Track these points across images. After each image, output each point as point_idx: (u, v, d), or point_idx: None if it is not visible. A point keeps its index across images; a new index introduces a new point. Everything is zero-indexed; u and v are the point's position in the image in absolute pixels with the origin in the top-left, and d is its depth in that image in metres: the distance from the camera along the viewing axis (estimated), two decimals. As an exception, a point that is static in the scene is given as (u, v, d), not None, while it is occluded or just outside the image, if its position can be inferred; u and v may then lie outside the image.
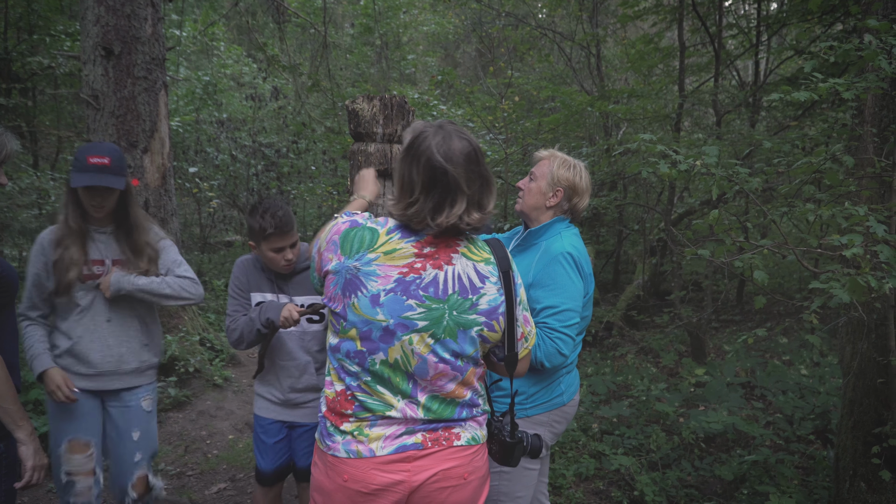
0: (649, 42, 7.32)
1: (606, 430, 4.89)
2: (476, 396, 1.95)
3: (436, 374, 1.84)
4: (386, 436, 1.84)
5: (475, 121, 8.88)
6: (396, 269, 1.81)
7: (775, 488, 3.69)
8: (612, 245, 10.35)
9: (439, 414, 1.88)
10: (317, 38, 11.79)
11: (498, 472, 2.59)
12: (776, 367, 5.57)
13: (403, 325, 1.80)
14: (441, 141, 1.78)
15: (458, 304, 1.82)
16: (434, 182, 1.77)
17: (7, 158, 2.32)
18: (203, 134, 10.29)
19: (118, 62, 5.60)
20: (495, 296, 1.86)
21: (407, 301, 1.80)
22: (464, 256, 1.86)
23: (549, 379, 2.56)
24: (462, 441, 1.90)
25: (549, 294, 2.42)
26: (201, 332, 6.26)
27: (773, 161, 3.48)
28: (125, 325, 2.90)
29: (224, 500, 4.22)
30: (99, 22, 5.54)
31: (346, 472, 1.85)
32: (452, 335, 1.83)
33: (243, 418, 5.41)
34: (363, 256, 1.82)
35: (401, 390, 1.85)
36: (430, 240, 1.85)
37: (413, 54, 13.84)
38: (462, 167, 1.77)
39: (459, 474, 1.89)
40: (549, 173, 2.59)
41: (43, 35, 9.35)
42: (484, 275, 1.86)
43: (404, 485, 1.84)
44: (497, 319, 1.87)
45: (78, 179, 2.65)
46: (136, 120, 5.69)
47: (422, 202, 1.78)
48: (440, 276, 1.82)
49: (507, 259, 1.91)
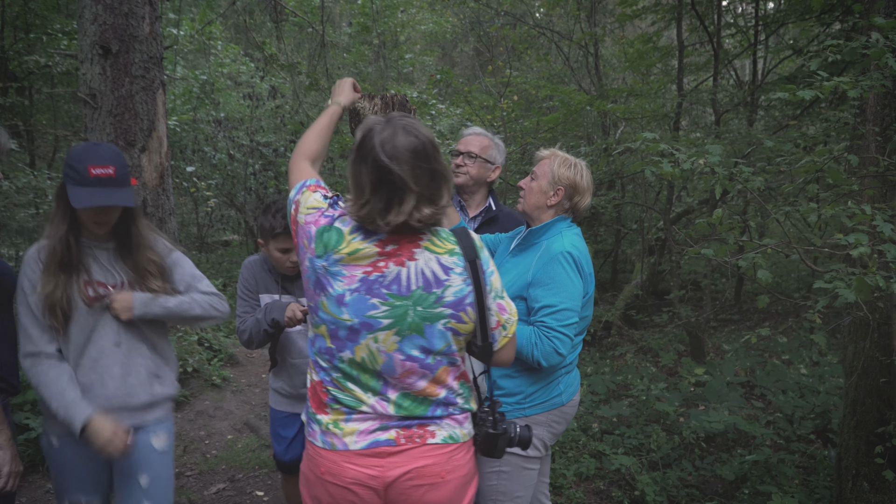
0: (648, 41, 7.31)
1: (606, 429, 4.88)
2: (453, 395, 1.92)
3: (403, 371, 1.84)
4: (360, 430, 1.86)
5: (474, 120, 8.87)
6: (360, 268, 1.82)
7: (777, 488, 3.68)
8: (611, 244, 10.35)
9: (411, 411, 1.87)
10: (314, 37, 11.76)
11: (497, 472, 2.57)
12: (775, 367, 5.57)
13: (368, 324, 1.81)
14: (387, 138, 1.76)
15: (422, 298, 1.82)
16: (381, 181, 1.75)
17: (2, 154, 2.29)
18: (200, 133, 10.27)
19: (116, 61, 5.57)
20: (461, 286, 1.84)
21: (371, 300, 1.81)
22: (427, 250, 1.85)
23: (547, 379, 2.55)
24: (437, 439, 1.89)
25: (548, 293, 2.41)
26: (199, 332, 6.24)
27: (776, 160, 3.47)
28: (134, 351, 2.45)
29: (223, 500, 4.21)
30: (96, 20, 5.51)
31: (323, 464, 1.88)
32: (418, 330, 1.82)
33: (242, 418, 5.39)
34: (329, 257, 1.83)
35: (370, 387, 1.86)
36: (392, 237, 1.84)
37: (411, 53, 13.82)
38: (408, 164, 1.74)
39: (435, 472, 1.88)
40: (550, 172, 2.58)
41: (40, 34, 9.31)
42: (448, 266, 1.84)
43: (378, 480, 1.85)
44: (465, 310, 1.85)
45: (81, 197, 2.18)
46: (133, 119, 5.67)
47: (373, 202, 1.77)
48: (403, 272, 1.82)
49: (473, 248, 1.88)
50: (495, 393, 2.57)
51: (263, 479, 4.45)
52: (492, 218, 3.34)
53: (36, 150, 10.44)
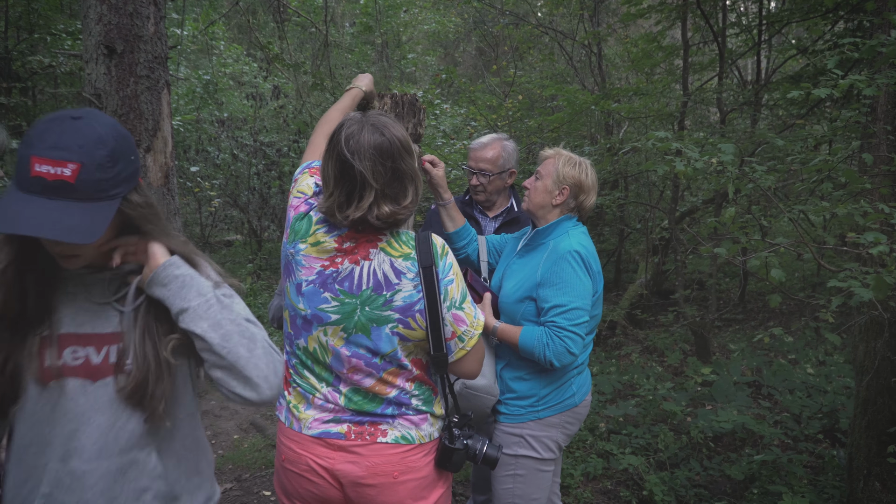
0: (652, 41, 7.29)
1: (613, 429, 4.87)
2: (405, 395, 1.92)
3: (349, 367, 1.87)
4: (315, 418, 1.91)
5: (478, 119, 8.86)
6: (319, 261, 1.85)
7: (787, 488, 3.67)
8: (614, 244, 10.32)
9: (361, 406, 1.89)
10: (317, 37, 11.76)
11: (512, 476, 2.57)
12: (782, 366, 5.55)
13: (319, 316, 1.85)
14: (352, 133, 1.79)
15: (370, 299, 1.83)
16: (343, 175, 1.78)
17: (1, 152, 2.23)
18: (204, 133, 10.26)
19: (120, 61, 5.56)
20: (411, 292, 1.84)
21: (323, 294, 1.84)
22: (382, 251, 1.85)
23: (560, 380, 2.55)
24: (388, 438, 1.89)
25: (557, 293, 2.40)
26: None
27: (787, 159, 3.46)
28: (132, 466, 1.49)
29: (231, 500, 4.20)
30: (101, 20, 5.50)
31: (283, 452, 1.96)
32: (365, 331, 1.84)
33: (248, 418, 5.38)
34: (296, 245, 1.88)
35: (323, 378, 1.91)
36: (352, 234, 1.85)
37: (413, 53, 13.81)
38: (370, 160, 1.76)
39: (386, 472, 1.88)
40: (555, 171, 2.58)
41: (43, 34, 9.32)
42: (400, 271, 1.84)
43: (329, 472, 1.88)
44: (413, 317, 1.84)
45: (3, 212, 1.29)
46: (138, 119, 5.65)
47: (335, 195, 1.80)
48: (356, 271, 1.83)
49: (429, 254, 1.86)
50: (508, 396, 2.56)
51: (270, 479, 4.44)
52: (513, 218, 3.34)
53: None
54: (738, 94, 7.11)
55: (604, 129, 8.98)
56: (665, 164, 2.85)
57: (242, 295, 1.59)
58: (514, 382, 2.56)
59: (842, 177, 2.71)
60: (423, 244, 1.88)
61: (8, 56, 9.25)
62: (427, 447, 1.96)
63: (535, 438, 2.55)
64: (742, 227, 2.85)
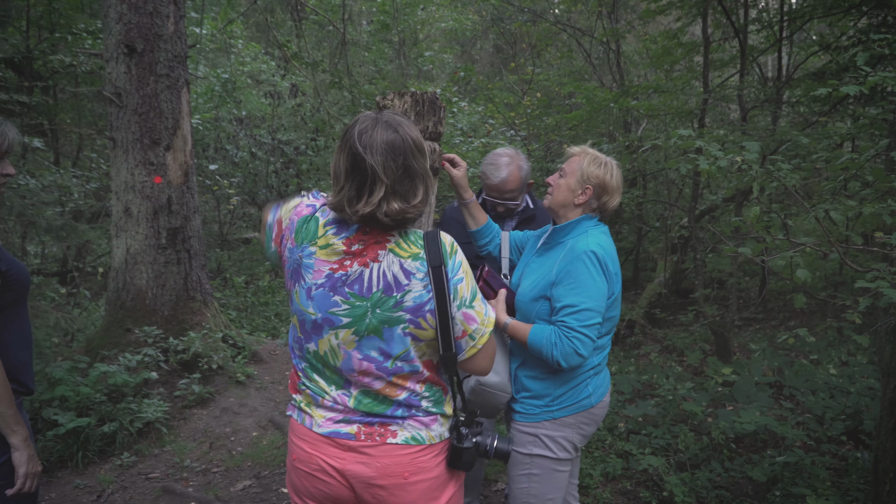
0: (672, 37, 7.23)
1: (633, 429, 4.84)
2: (416, 397, 1.92)
3: (360, 370, 1.86)
4: (326, 417, 1.92)
5: (496, 117, 8.84)
6: (328, 264, 1.85)
7: (810, 490, 3.63)
8: (632, 242, 10.28)
9: (371, 409, 1.89)
10: (334, 36, 11.78)
11: (527, 475, 2.55)
12: (803, 367, 5.49)
13: (329, 320, 1.85)
14: (365, 129, 1.80)
15: (381, 301, 1.82)
16: (354, 169, 1.78)
17: (10, 149, 2.26)
18: (222, 131, 10.32)
19: (141, 60, 5.60)
20: (421, 292, 1.83)
21: (333, 297, 1.84)
22: (391, 252, 1.84)
23: (575, 381, 2.52)
24: (398, 440, 1.89)
25: (569, 292, 2.37)
26: (223, 330, 6.26)
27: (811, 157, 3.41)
28: None
29: (250, 497, 4.22)
30: (121, 20, 5.54)
31: (294, 451, 1.96)
32: (377, 333, 1.84)
33: (266, 415, 5.41)
34: (305, 248, 1.87)
35: (333, 381, 1.92)
36: (360, 236, 1.85)
37: (430, 51, 13.79)
38: (381, 156, 1.77)
39: (397, 472, 1.88)
40: (580, 170, 2.53)
41: (64, 33, 9.40)
42: (410, 271, 1.83)
43: (340, 473, 1.89)
44: (423, 316, 1.84)
45: None
46: (158, 117, 5.70)
47: (346, 190, 1.80)
48: (365, 273, 1.83)
49: (438, 254, 1.85)
50: (523, 395, 2.55)
51: (289, 477, 4.45)
52: (529, 216, 3.33)
53: (60, 149, 10.54)
54: (759, 92, 7.03)
55: (622, 126, 8.93)
56: (689, 163, 2.81)
57: None
58: (529, 381, 2.53)
59: (869, 175, 2.66)
60: (432, 243, 1.87)
61: (29, 55, 9.33)
62: (437, 448, 1.95)
63: (550, 438, 2.53)
64: (766, 226, 2.81)
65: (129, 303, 5.73)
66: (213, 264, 10.24)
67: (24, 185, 6.19)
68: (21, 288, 2.26)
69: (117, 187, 5.73)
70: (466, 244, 3.57)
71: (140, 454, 4.67)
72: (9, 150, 2.23)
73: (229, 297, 8.96)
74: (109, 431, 4.59)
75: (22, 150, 8.13)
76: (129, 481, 4.37)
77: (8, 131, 2.21)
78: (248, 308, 8.82)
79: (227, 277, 9.68)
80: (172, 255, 5.81)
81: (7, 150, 2.22)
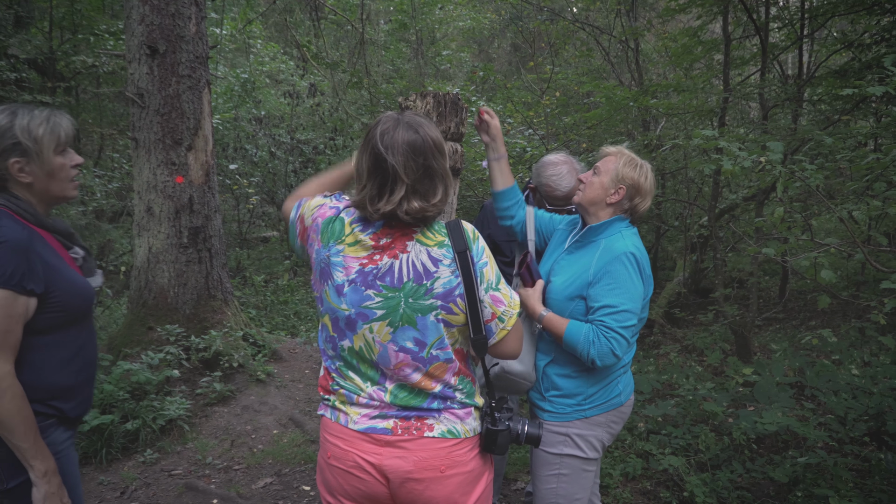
0: (692, 35, 7.19)
1: (652, 429, 4.82)
2: (450, 390, 1.95)
3: (397, 362, 1.89)
4: (362, 414, 1.94)
5: (514, 117, 8.83)
6: (358, 260, 1.88)
7: (833, 491, 3.60)
8: (651, 241, 10.23)
9: (407, 402, 1.92)
10: (352, 35, 11.82)
11: (556, 475, 2.56)
12: (825, 367, 5.44)
13: (363, 314, 1.88)
14: (387, 129, 1.84)
15: (413, 291, 1.87)
16: (376, 169, 1.83)
17: (69, 139, 2.18)
18: (242, 131, 10.39)
19: (163, 61, 5.66)
20: (450, 278, 1.88)
21: (366, 291, 1.87)
22: (418, 243, 1.89)
23: (606, 379, 2.53)
24: (435, 433, 1.92)
25: (609, 293, 2.38)
26: (244, 328, 6.31)
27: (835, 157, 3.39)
28: None
29: (271, 494, 4.25)
30: (144, 21, 5.60)
31: (329, 448, 1.98)
32: (411, 322, 1.87)
33: (287, 413, 5.45)
34: (332, 247, 1.91)
35: (369, 377, 1.94)
36: (386, 230, 1.90)
37: (448, 50, 13.80)
38: (402, 156, 1.81)
39: (434, 466, 1.90)
40: (615, 170, 2.54)
41: (86, 34, 9.50)
42: (437, 258, 1.88)
43: (376, 469, 1.91)
44: (454, 301, 1.88)
45: None
46: (180, 118, 5.75)
47: (367, 188, 1.85)
48: (395, 265, 1.87)
49: (463, 239, 1.91)
50: (553, 394, 2.55)
51: (309, 474, 4.49)
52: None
53: (82, 149, 10.67)
54: (780, 90, 6.97)
55: (641, 125, 8.89)
56: (712, 163, 2.80)
57: None
58: (560, 379, 2.53)
59: (894, 175, 2.64)
60: (455, 230, 1.92)
61: (52, 56, 9.46)
62: (472, 441, 1.99)
63: (581, 437, 2.54)
64: (789, 226, 2.79)
65: (151, 301, 5.80)
66: (232, 263, 10.31)
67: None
68: (70, 311, 2.10)
69: (140, 187, 5.79)
70: (509, 241, 3.57)
71: (163, 451, 4.73)
72: (67, 140, 2.13)
73: (249, 296, 9.03)
74: (133, 429, 4.65)
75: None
76: (153, 478, 4.43)
77: (61, 121, 2.10)
78: (267, 307, 8.88)
79: (246, 276, 9.75)
80: (194, 254, 5.87)
81: (67, 140, 2.12)
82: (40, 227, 2.08)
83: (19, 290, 1.92)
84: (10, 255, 1.90)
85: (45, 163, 2.05)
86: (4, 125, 2.01)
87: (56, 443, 2.09)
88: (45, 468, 1.97)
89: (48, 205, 2.15)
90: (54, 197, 2.13)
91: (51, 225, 2.11)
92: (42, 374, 2.05)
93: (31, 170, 2.04)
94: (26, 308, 1.96)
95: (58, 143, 2.08)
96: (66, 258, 2.13)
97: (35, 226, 2.06)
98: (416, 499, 1.92)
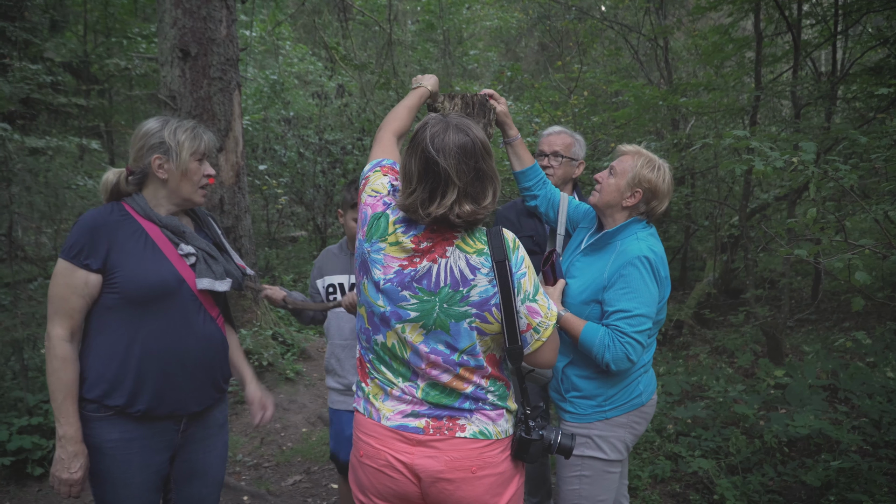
0: (724, 33, 7.11)
1: (682, 431, 4.78)
2: (482, 391, 1.95)
3: (428, 363, 1.90)
4: (395, 411, 1.94)
5: (542, 116, 8.80)
6: (397, 260, 1.89)
7: (867, 496, 3.54)
8: (680, 241, 10.13)
9: (439, 401, 1.92)
10: (380, 36, 11.87)
11: (578, 476, 2.54)
12: (859, 369, 5.35)
13: (398, 314, 1.89)
14: (437, 132, 1.84)
15: (448, 296, 1.87)
16: (427, 172, 1.82)
17: (208, 151, 2.30)
18: (271, 132, 10.48)
19: (195, 63, 5.74)
20: (486, 287, 1.87)
21: (402, 292, 1.88)
22: (458, 249, 1.89)
23: (626, 380, 2.51)
24: (467, 433, 1.91)
25: (622, 297, 2.36)
26: (273, 327, 6.37)
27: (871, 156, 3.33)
28: None
29: (300, 492, 4.29)
30: (176, 24, 5.69)
31: (361, 447, 1.98)
32: (444, 327, 1.87)
33: (315, 412, 5.49)
34: (375, 244, 1.92)
35: (401, 373, 1.95)
36: (428, 234, 1.89)
37: (475, 50, 13.79)
38: (454, 159, 1.81)
39: (465, 466, 1.90)
40: (632, 172, 2.48)
41: (119, 38, 9.67)
42: (475, 266, 1.88)
43: (408, 467, 1.91)
44: (489, 311, 1.88)
45: None
46: (211, 120, 5.83)
47: (418, 192, 1.84)
48: (433, 269, 1.87)
49: (502, 249, 1.89)
50: (573, 395, 2.54)
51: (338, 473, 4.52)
52: None
53: (115, 150, 10.85)
54: (813, 88, 6.87)
55: (670, 124, 8.81)
56: (743, 163, 2.77)
57: None
58: (580, 380, 2.52)
59: (930, 175, 2.59)
60: (496, 239, 1.91)
61: (86, 59, 9.64)
62: (504, 443, 1.98)
63: (603, 439, 2.52)
64: (822, 227, 2.75)
65: (183, 300, 5.87)
66: (261, 262, 10.41)
67: (82, 186, 6.39)
68: (125, 294, 2.12)
69: (172, 188, 5.87)
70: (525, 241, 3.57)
71: (194, 448, 4.79)
72: (207, 152, 2.30)
73: (278, 295, 9.10)
74: (165, 426, 4.72)
75: (80, 151, 8.39)
76: None
77: (203, 133, 2.30)
78: (296, 306, 8.92)
79: (275, 275, 9.84)
80: (224, 254, 5.94)
81: (206, 151, 2.30)
82: (147, 219, 2.22)
83: (77, 263, 2.08)
84: (78, 232, 2.09)
85: (182, 163, 2.22)
86: (156, 128, 2.23)
87: (102, 435, 2.12)
88: (62, 432, 2.05)
89: (177, 205, 2.30)
90: (183, 198, 2.29)
91: (157, 220, 2.23)
92: (89, 358, 2.13)
93: (169, 167, 2.22)
94: (86, 282, 2.09)
95: (196, 149, 2.26)
96: (166, 251, 2.22)
97: (143, 218, 2.21)
98: (447, 499, 1.92)
